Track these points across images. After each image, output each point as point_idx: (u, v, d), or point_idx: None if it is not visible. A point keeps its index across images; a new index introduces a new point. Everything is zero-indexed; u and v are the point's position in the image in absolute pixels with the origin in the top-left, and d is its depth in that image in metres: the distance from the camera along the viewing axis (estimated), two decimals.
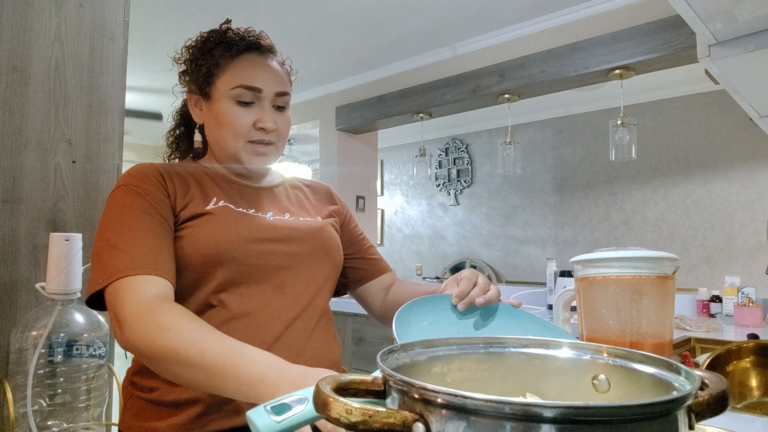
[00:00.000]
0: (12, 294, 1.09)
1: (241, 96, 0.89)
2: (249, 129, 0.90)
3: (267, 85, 0.90)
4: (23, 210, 1.12)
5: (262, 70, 0.91)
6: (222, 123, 0.90)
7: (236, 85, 0.89)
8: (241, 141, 0.90)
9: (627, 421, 0.32)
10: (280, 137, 0.94)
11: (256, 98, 0.90)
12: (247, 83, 0.89)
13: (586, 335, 0.76)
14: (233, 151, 0.91)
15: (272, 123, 0.90)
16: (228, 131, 0.90)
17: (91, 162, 1.24)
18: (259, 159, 0.92)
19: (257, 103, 0.90)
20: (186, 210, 0.86)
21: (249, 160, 0.92)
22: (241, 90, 0.89)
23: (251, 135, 0.90)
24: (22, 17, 1.13)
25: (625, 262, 0.72)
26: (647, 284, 0.71)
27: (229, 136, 0.90)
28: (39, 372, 0.97)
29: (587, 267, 0.76)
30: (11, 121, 1.11)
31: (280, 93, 0.92)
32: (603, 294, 0.73)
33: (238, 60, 0.91)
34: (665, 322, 0.72)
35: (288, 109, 0.96)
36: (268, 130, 0.90)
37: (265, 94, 0.90)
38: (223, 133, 0.90)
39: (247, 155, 0.91)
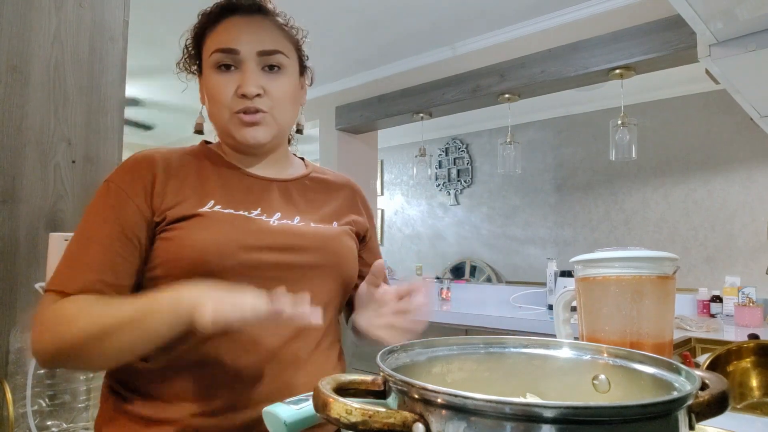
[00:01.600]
0: (11, 294, 1.09)
1: (219, 61, 0.80)
2: (230, 97, 0.80)
3: (246, 45, 0.79)
4: (23, 210, 1.12)
5: (241, 30, 0.81)
6: (209, 97, 0.82)
7: (213, 50, 0.80)
8: (226, 112, 0.81)
9: (627, 421, 0.32)
10: (274, 103, 0.82)
11: (235, 61, 0.80)
12: (222, 45, 0.79)
13: (586, 335, 0.76)
14: (223, 126, 0.82)
15: (254, 87, 0.79)
16: (214, 105, 0.81)
17: (90, 162, 1.24)
18: (248, 131, 0.81)
19: (239, 68, 0.80)
20: (175, 209, 0.76)
21: (238, 133, 0.81)
22: (217, 55, 0.80)
23: (234, 104, 0.80)
24: (22, 17, 1.13)
25: (626, 262, 0.72)
26: (648, 284, 0.71)
27: (216, 110, 0.82)
28: (38, 372, 0.97)
29: (587, 267, 0.76)
30: (11, 121, 1.11)
31: (265, 51, 0.80)
32: (603, 294, 0.73)
33: (219, 25, 0.82)
34: (665, 323, 0.72)
35: (284, 69, 0.83)
36: (248, 95, 0.79)
37: (244, 55, 0.79)
38: (212, 108, 0.82)
39: (235, 128, 0.81)
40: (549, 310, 2.78)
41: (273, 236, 0.78)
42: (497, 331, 2.39)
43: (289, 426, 0.51)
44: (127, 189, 0.77)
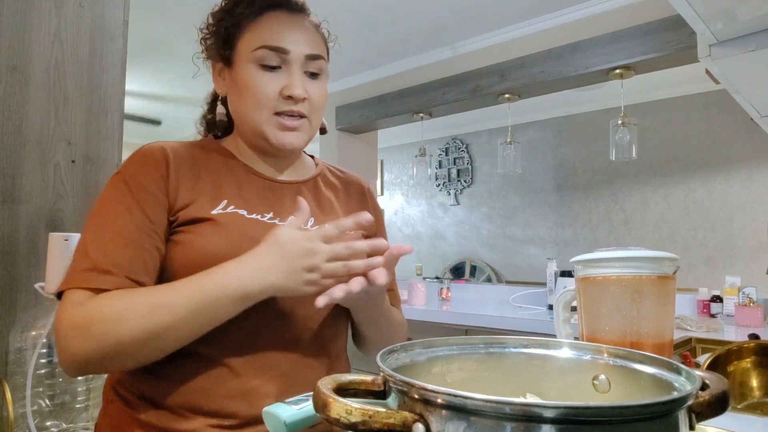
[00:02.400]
0: (11, 294, 1.09)
1: (264, 59, 0.76)
2: (275, 98, 0.76)
3: (296, 45, 0.77)
4: (23, 210, 1.12)
5: (290, 29, 0.77)
6: (243, 92, 0.77)
7: (259, 46, 0.76)
8: (265, 113, 0.77)
9: (627, 422, 0.32)
10: (313, 110, 0.79)
11: (282, 61, 0.77)
12: (272, 43, 0.76)
13: (586, 335, 0.76)
14: (257, 126, 0.78)
15: (302, 90, 0.76)
16: (250, 101, 0.77)
17: (90, 162, 1.24)
18: (286, 135, 0.78)
19: (284, 68, 0.77)
20: (187, 211, 0.73)
21: (275, 136, 0.78)
22: (264, 51, 0.76)
23: (277, 105, 0.77)
24: (22, 17, 1.13)
25: (626, 262, 0.72)
26: (648, 284, 0.71)
27: (251, 107, 0.77)
28: (38, 372, 0.97)
29: (587, 267, 0.76)
30: (11, 121, 1.11)
31: (312, 56, 0.78)
32: (603, 294, 0.73)
33: (262, 18, 0.78)
34: (666, 323, 0.72)
35: (323, 77, 0.81)
36: (296, 98, 0.76)
37: (293, 56, 0.77)
38: (245, 104, 0.78)
39: (272, 130, 0.77)
40: (549, 310, 2.78)
41: None
42: (497, 331, 2.39)
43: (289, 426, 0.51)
44: (144, 179, 0.73)
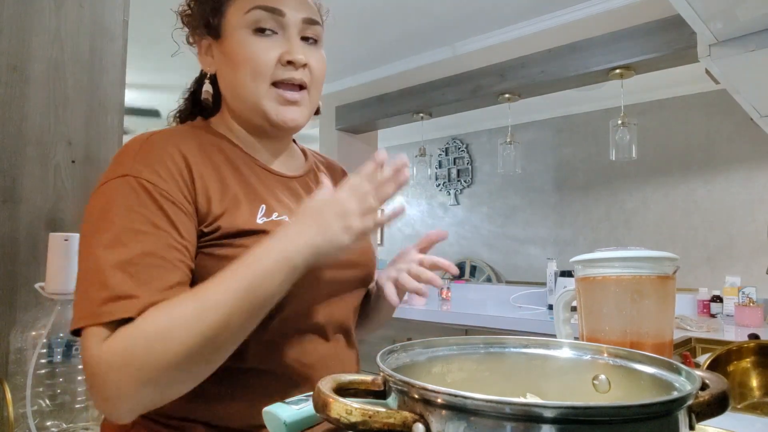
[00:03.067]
0: (11, 294, 1.09)
1: (259, 21, 0.69)
2: (272, 65, 0.69)
3: (291, 8, 0.70)
4: (23, 210, 1.12)
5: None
6: (237, 62, 0.69)
7: (252, 7, 0.69)
8: (263, 83, 0.69)
9: (627, 422, 0.32)
10: (313, 80, 0.73)
11: (278, 25, 0.70)
12: (265, 3, 0.69)
13: (586, 335, 0.76)
14: (255, 101, 0.70)
15: (303, 54, 0.70)
16: (245, 71, 0.69)
17: (90, 162, 1.24)
18: (288, 110, 0.71)
19: (281, 33, 0.70)
20: (225, 219, 0.64)
21: (276, 111, 0.70)
22: (258, 12, 0.69)
23: (276, 73, 0.69)
24: (22, 17, 1.13)
25: (626, 262, 0.72)
26: (648, 284, 0.71)
27: (247, 78, 0.69)
28: (38, 372, 0.97)
29: (587, 267, 0.76)
30: (11, 121, 1.11)
31: (309, 20, 0.72)
32: (603, 294, 0.73)
33: None
34: (666, 323, 0.72)
35: (320, 45, 0.75)
36: (297, 63, 0.69)
37: (289, 19, 0.70)
38: (241, 76, 0.69)
39: (272, 105, 0.70)
40: (549, 310, 2.78)
41: None
42: (497, 331, 2.39)
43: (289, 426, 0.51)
44: (164, 185, 0.62)
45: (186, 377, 0.57)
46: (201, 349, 0.55)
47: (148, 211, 0.60)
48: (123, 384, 0.53)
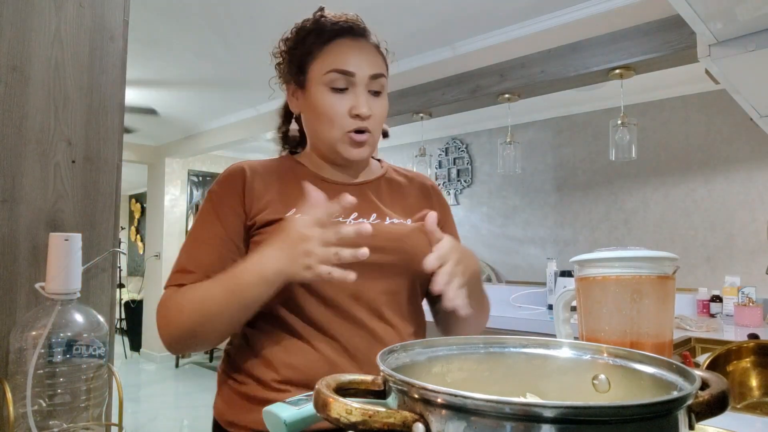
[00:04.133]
0: (12, 294, 1.09)
1: (334, 82, 0.86)
2: (344, 117, 0.86)
3: (360, 68, 0.86)
4: (23, 210, 1.12)
5: (355, 54, 0.87)
6: (317, 112, 0.87)
7: (328, 70, 0.86)
8: (338, 131, 0.87)
9: (627, 421, 0.32)
10: (376, 124, 0.89)
11: (349, 83, 0.86)
12: (340, 67, 0.85)
13: (586, 335, 0.76)
14: (330, 142, 0.88)
15: (367, 108, 0.86)
16: (324, 121, 0.87)
17: (91, 162, 1.24)
18: (356, 150, 0.88)
19: (351, 89, 0.87)
20: (264, 214, 0.85)
21: (346, 151, 0.88)
22: (333, 75, 0.85)
23: (347, 124, 0.86)
24: (22, 17, 1.13)
25: (626, 262, 0.72)
26: (647, 284, 0.71)
27: (325, 126, 0.87)
28: (38, 372, 0.97)
29: (587, 267, 0.76)
30: (11, 121, 1.11)
31: (374, 75, 0.88)
32: (603, 294, 0.73)
33: (330, 45, 0.87)
34: (666, 322, 0.72)
35: (384, 93, 0.91)
36: (363, 116, 0.86)
37: (358, 78, 0.86)
38: (319, 123, 0.88)
39: (344, 146, 0.88)
40: (549, 310, 2.79)
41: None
42: (497, 331, 2.39)
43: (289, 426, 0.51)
44: (224, 196, 0.87)
45: (195, 340, 0.80)
46: (202, 325, 0.78)
47: (209, 213, 0.87)
48: (160, 330, 0.82)
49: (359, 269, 0.82)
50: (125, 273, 8.26)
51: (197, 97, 4.36)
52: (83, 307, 1.07)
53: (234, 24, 2.94)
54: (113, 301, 1.26)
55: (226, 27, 2.99)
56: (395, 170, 1.04)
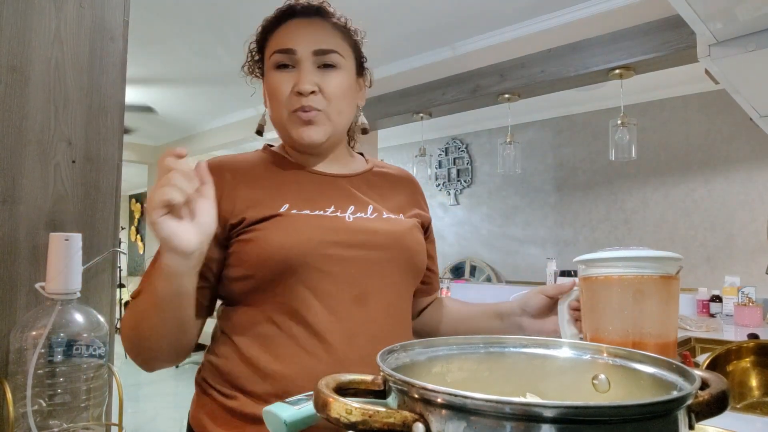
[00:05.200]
0: (12, 294, 1.09)
1: (278, 61, 0.83)
2: (288, 96, 0.82)
3: (302, 44, 0.82)
4: (23, 210, 1.12)
5: (298, 32, 0.84)
6: (269, 96, 0.86)
7: (273, 51, 0.83)
8: (285, 111, 0.83)
9: (627, 421, 0.32)
10: (328, 101, 0.83)
11: (292, 61, 0.83)
12: (281, 46, 0.82)
13: (589, 335, 0.76)
14: (282, 125, 0.85)
15: (308, 84, 0.81)
16: (273, 103, 0.85)
17: (91, 162, 1.24)
18: (304, 130, 0.83)
19: (296, 67, 0.83)
20: (253, 211, 0.79)
21: (296, 131, 0.83)
22: (277, 55, 0.83)
23: (292, 102, 0.82)
24: (22, 17, 1.13)
25: (629, 262, 0.71)
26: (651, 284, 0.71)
27: (275, 109, 0.85)
28: (39, 372, 0.97)
29: (591, 266, 0.75)
30: (11, 121, 1.11)
31: (320, 50, 0.83)
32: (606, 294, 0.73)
33: (279, 28, 0.85)
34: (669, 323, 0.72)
35: (339, 68, 0.85)
36: (303, 92, 0.81)
37: (300, 55, 0.82)
38: (272, 107, 0.86)
39: (293, 126, 0.83)
40: None
41: (350, 234, 0.81)
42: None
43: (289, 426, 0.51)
44: None
45: (142, 352, 0.77)
46: (134, 339, 0.76)
47: None
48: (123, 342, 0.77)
49: (361, 269, 0.80)
50: (125, 273, 8.27)
51: (197, 96, 4.36)
52: (83, 307, 1.07)
53: (234, 24, 2.94)
54: (113, 301, 1.26)
55: (226, 27, 2.99)
56: (380, 164, 1.01)
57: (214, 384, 0.80)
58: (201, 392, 0.83)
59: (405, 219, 0.90)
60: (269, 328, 0.77)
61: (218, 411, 0.78)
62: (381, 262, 0.82)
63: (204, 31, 3.07)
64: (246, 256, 0.77)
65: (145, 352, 0.77)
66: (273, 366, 0.75)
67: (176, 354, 0.78)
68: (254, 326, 0.78)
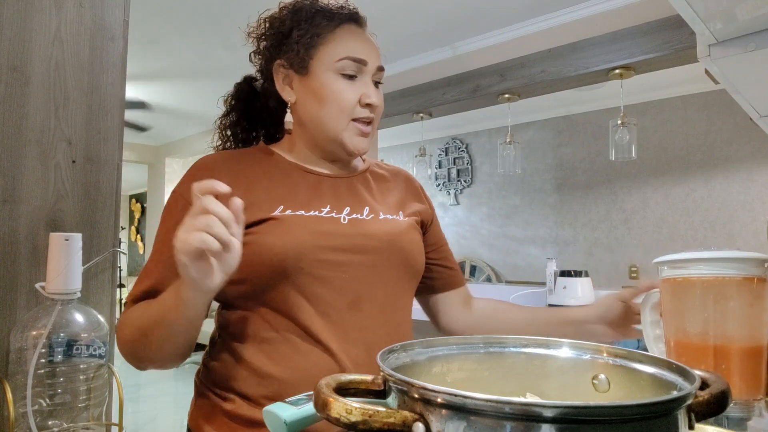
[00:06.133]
0: (12, 294, 1.09)
1: (346, 68, 0.82)
2: (354, 105, 0.82)
3: (371, 57, 0.84)
4: (23, 210, 1.12)
5: (365, 42, 0.85)
6: (324, 99, 0.82)
7: (342, 57, 0.81)
8: (345, 119, 0.82)
9: (627, 421, 0.32)
10: (377, 116, 0.87)
11: (360, 71, 0.83)
12: (354, 55, 0.82)
13: (671, 338, 0.74)
14: (336, 131, 0.83)
15: (377, 98, 0.84)
16: (332, 108, 0.82)
17: (91, 162, 1.24)
18: (361, 140, 0.84)
19: (360, 78, 0.84)
20: (249, 213, 0.75)
21: (352, 140, 0.83)
22: (347, 62, 0.82)
23: (356, 112, 0.82)
24: (22, 17, 1.13)
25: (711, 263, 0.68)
26: (733, 286, 0.68)
27: (332, 114, 0.82)
28: (39, 372, 0.97)
29: (672, 268, 0.73)
30: (11, 121, 1.11)
31: (380, 67, 0.86)
32: (687, 296, 0.70)
33: (340, 30, 0.83)
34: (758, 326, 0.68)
35: (381, 85, 0.89)
36: (374, 105, 0.83)
37: (369, 68, 0.84)
38: (325, 111, 0.82)
39: (350, 135, 0.83)
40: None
41: (344, 238, 0.79)
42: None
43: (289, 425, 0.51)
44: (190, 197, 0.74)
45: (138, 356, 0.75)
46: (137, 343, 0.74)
47: (171, 218, 0.78)
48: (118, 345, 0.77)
49: (355, 274, 0.79)
50: (125, 273, 8.27)
51: (197, 96, 4.36)
52: (83, 307, 1.07)
53: (234, 23, 2.94)
54: (113, 301, 1.26)
55: (226, 26, 3.00)
56: (376, 164, 1.00)
57: (210, 386, 0.80)
58: (198, 394, 0.82)
59: (402, 219, 0.89)
60: (265, 331, 0.76)
61: (215, 413, 0.77)
62: (376, 265, 0.81)
63: (204, 30, 3.07)
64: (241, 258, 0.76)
65: (145, 357, 0.75)
66: (269, 369, 0.75)
67: (178, 360, 0.77)
68: (250, 329, 0.77)
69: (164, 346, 0.72)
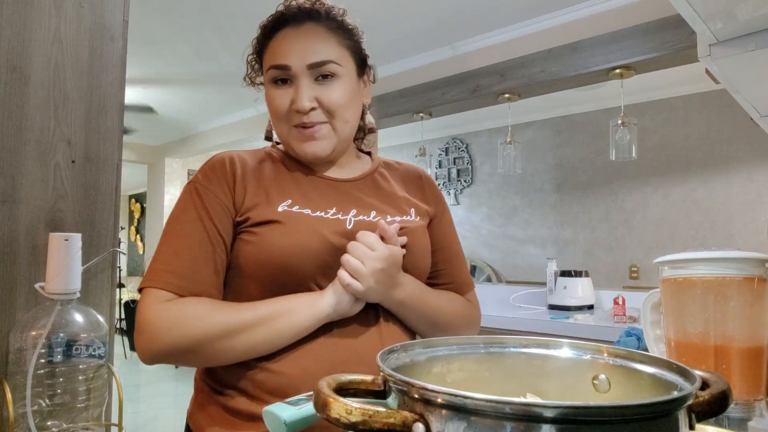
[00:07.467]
0: (11, 294, 1.09)
1: (274, 77, 0.82)
2: (287, 112, 0.82)
3: (296, 58, 0.80)
4: (23, 210, 1.12)
5: (291, 44, 0.81)
6: (269, 111, 0.85)
7: (269, 67, 0.83)
8: (285, 127, 0.83)
9: (627, 421, 0.32)
10: (330, 113, 0.82)
11: (288, 76, 0.82)
12: (275, 62, 0.81)
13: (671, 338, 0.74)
14: (285, 140, 0.85)
15: (306, 101, 0.80)
16: (273, 118, 0.85)
17: (90, 162, 1.24)
18: (307, 146, 0.82)
19: (293, 82, 0.82)
20: (257, 210, 0.79)
21: (299, 147, 0.83)
22: (272, 71, 0.82)
23: (291, 118, 0.82)
24: (21, 17, 1.13)
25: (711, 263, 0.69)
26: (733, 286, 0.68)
27: (275, 123, 0.85)
28: (38, 372, 0.97)
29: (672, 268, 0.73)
30: (11, 121, 1.11)
31: (315, 64, 0.81)
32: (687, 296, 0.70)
33: (273, 39, 0.84)
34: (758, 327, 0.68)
35: (338, 76, 0.83)
36: (301, 110, 0.80)
37: (295, 71, 0.81)
38: (273, 122, 0.86)
39: (295, 142, 0.83)
40: (549, 309, 2.79)
41: (350, 239, 0.79)
42: (497, 331, 2.39)
43: (289, 426, 0.51)
44: (211, 187, 0.80)
45: (197, 357, 0.74)
46: (216, 342, 0.72)
47: (196, 207, 0.79)
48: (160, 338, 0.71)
49: None
50: (125, 273, 8.27)
51: (197, 96, 4.36)
52: (83, 307, 1.07)
53: (234, 23, 2.94)
54: (113, 301, 1.26)
55: (225, 26, 2.99)
56: (386, 163, 0.99)
57: (210, 382, 0.80)
58: (198, 390, 0.83)
59: (412, 219, 0.89)
60: None
61: (214, 409, 0.78)
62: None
63: (204, 31, 3.07)
64: (246, 256, 0.78)
65: (211, 354, 0.73)
66: (269, 364, 0.75)
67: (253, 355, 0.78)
68: None
69: (258, 348, 0.74)
